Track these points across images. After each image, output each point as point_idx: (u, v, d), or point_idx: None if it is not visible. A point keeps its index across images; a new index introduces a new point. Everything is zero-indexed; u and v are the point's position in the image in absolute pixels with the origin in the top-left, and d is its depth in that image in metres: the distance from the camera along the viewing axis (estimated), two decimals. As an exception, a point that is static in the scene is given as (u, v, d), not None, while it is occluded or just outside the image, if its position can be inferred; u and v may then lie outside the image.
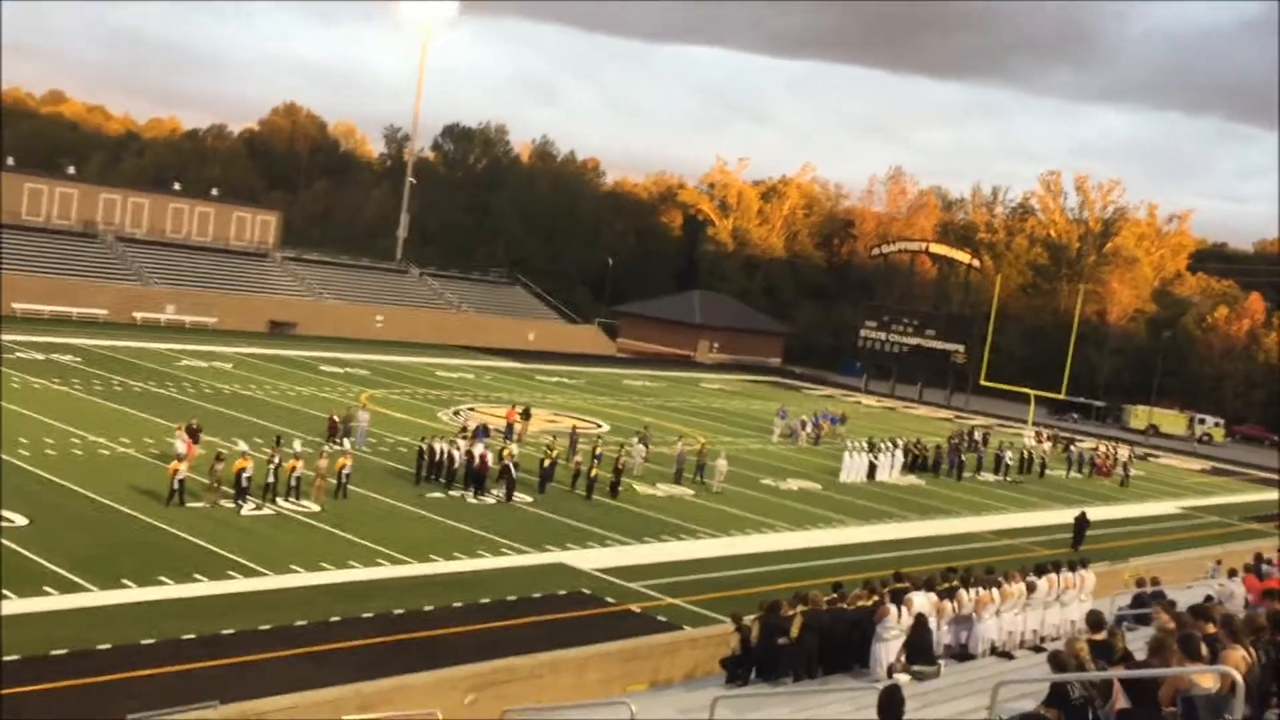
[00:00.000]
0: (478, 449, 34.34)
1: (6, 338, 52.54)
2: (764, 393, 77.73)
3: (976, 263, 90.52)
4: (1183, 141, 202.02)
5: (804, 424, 55.31)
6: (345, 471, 31.12)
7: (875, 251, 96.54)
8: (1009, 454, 53.62)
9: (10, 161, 77.94)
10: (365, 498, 31.18)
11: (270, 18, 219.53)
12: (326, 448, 34.62)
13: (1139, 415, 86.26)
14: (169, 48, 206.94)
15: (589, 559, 28.27)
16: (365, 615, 21.95)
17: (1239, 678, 8.40)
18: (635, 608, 24.81)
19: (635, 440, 41.78)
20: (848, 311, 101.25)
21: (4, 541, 23.39)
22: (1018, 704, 10.57)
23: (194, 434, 32.64)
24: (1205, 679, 9.10)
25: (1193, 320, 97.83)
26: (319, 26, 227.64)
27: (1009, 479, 51.71)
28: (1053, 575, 18.15)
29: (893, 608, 15.43)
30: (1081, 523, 38.31)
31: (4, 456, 30.46)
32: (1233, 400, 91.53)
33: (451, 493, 33.12)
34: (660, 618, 24.04)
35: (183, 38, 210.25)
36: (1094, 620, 12.72)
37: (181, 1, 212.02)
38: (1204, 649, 10.02)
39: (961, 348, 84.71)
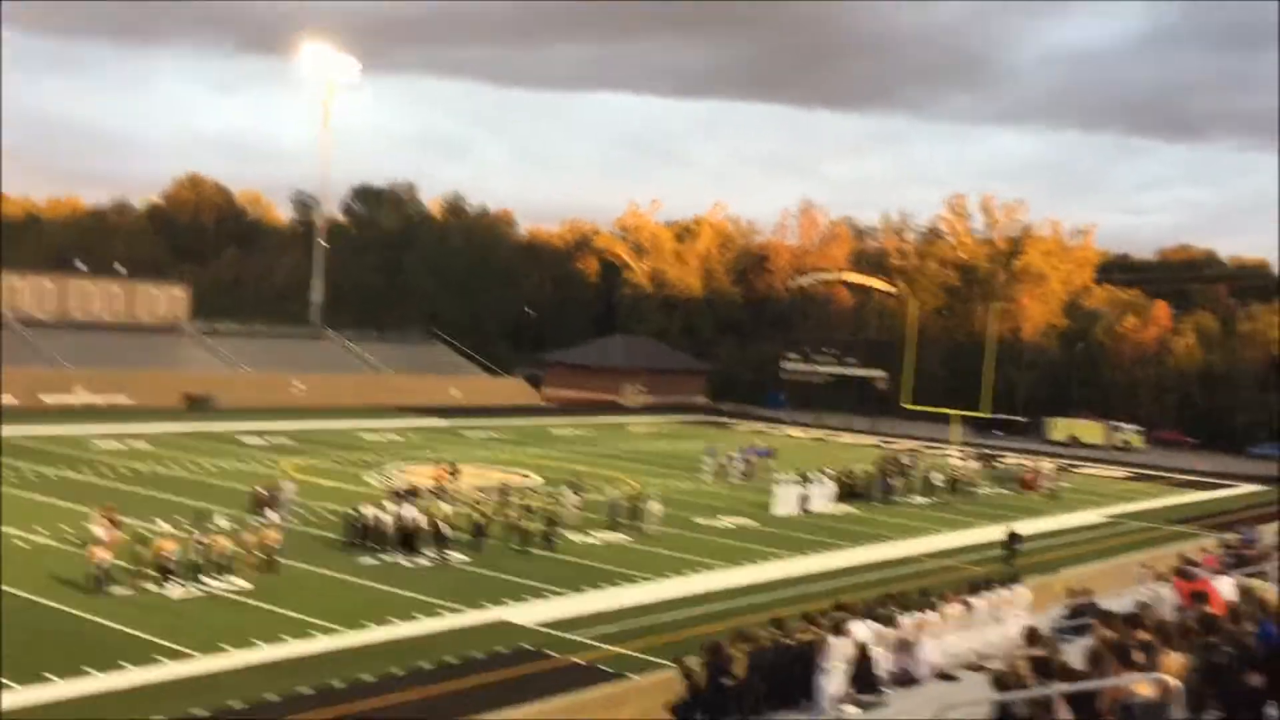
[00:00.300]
0: (407, 511, 33.90)
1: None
2: (691, 432, 77.89)
3: (891, 289, 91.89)
4: (1082, 158, 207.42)
5: (733, 460, 55.47)
6: (273, 545, 30.51)
7: (791, 284, 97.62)
8: (937, 476, 54.24)
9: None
10: (296, 570, 30.56)
11: (170, 89, 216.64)
12: (253, 522, 33.93)
13: (1059, 427, 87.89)
14: (67, 126, 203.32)
15: (529, 613, 27.97)
16: (303, 691, 21.44)
17: (1175, 684, 8.52)
18: (580, 660, 24.55)
19: (567, 489, 41.56)
20: (767, 345, 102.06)
21: (-82, 645, 22.53)
22: (964, 727, 10.61)
23: (113, 518, 31.79)
24: (1144, 687, 9.22)
25: (1103, 331, 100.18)
26: (220, 95, 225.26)
27: (938, 500, 52.29)
28: (989, 594, 18.33)
29: (833, 638, 15.45)
30: (1014, 539, 38.93)
31: (-86, 556, 29.42)
32: (1148, 406, 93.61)
33: (384, 557, 32.60)
34: (605, 668, 23.81)
35: (81, 115, 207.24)
36: (1032, 636, 12.85)
37: (78, 80, 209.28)
38: (1141, 656, 10.16)
39: (883, 373, 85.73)
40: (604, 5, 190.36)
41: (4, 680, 20.91)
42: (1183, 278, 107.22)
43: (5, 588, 27.05)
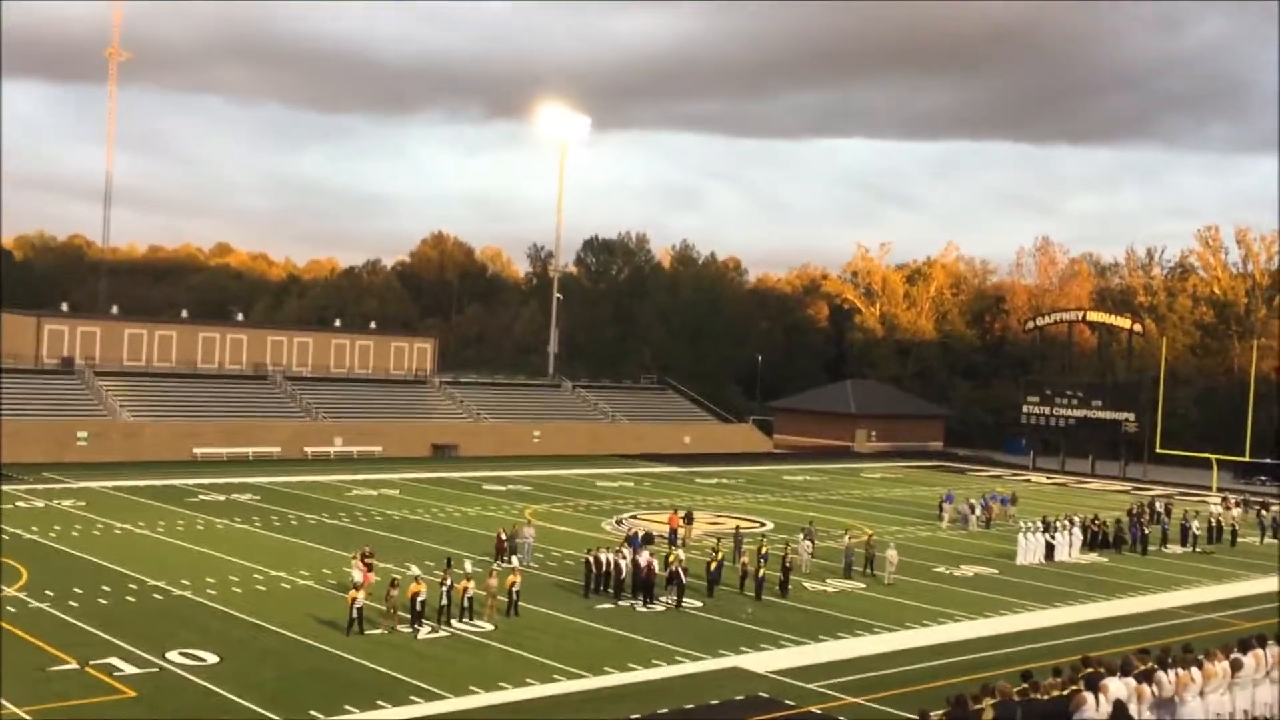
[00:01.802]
0: (643, 557, 34.33)
1: (190, 482, 55.10)
2: (927, 478, 76.00)
3: (1138, 327, 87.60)
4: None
5: (973, 507, 53.77)
6: (515, 589, 31.43)
7: (1030, 325, 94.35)
8: (1195, 523, 51.05)
9: (185, 314, 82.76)
10: (536, 613, 31.39)
11: (419, 153, 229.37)
12: (495, 566, 35.08)
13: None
14: (324, 193, 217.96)
15: (764, 661, 27.80)
16: (546, 733, 21.94)
17: None
18: (817, 709, 24.22)
19: (801, 536, 41.21)
20: (1007, 388, 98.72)
21: (198, 679, 24.25)
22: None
23: (368, 562, 33.47)
24: None
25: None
26: (464, 156, 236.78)
27: (1198, 550, 49.18)
28: (1259, 651, 17.12)
29: (1089, 695, 14.76)
30: None
31: (194, 597, 31.75)
32: None
33: (621, 603, 33.09)
34: (841, 718, 23.41)
35: (339, 182, 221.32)
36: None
37: (337, 148, 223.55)
38: None
39: (1132, 416, 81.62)
40: (837, 51, 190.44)
41: (273, 716, 22.28)
42: None
43: (272, 627, 28.85)
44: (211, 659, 25.77)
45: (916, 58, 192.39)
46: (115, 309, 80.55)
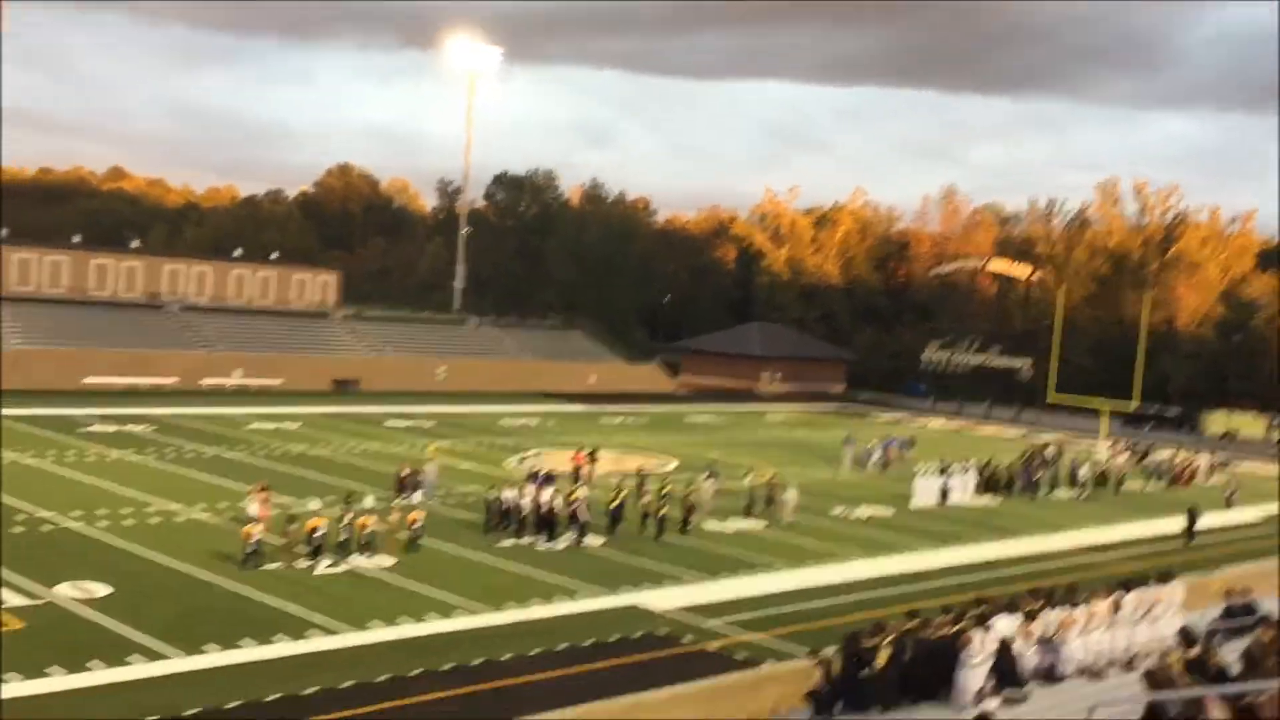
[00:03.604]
0: (545, 495, 34.38)
1: (81, 412, 53.66)
2: (829, 421, 77.19)
3: (1037, 277, 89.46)
4: (1247, 141, 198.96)
5: (872, 451, 54.77)
6: (417, 525, 31.30)
7: (933, 272, 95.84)
8: (1084, 469, 52.69)
9: (76, 239, 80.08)
10: (438, 550, 31.30)
11: (327, 82, 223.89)
12: (397, 502, 34.86)
13: (1216, 420, 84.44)
14: (227, 119, 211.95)
15: (664, 599, 28.11)
16: (444, 668, 21.97)
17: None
18: (713, 646, 24.60)
19: (703, 476, 41.61)
20: (908, 334, 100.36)
21: (89, 612, 23.76)
22: (1113, 726, 10.30)
23: (264, 495, 32.98)
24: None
25: (1264, 321, 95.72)
26: (373, 86, 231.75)
27: (1085, 494, 50.80)
28: (1140, 590, 17.73)
29: (977, 633, 15.15)
30: (1192, 516, 40.56)
31: (84, 529, 31.03)
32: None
33: (522, 540, 33.15)
34: (739, 655, 23.81)
35: (236, 108, 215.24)
36: (1187, 635, 12.40)
37: (240, 74, 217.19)
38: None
39: (1028, 363, 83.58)
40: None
41: (167, 649, 21.92)
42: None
43: (165, 561, 28.34)
44: (103, 591, 25.26)
45: (832, 4, 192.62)
46: (3, 232, 77.55)
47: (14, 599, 24.18)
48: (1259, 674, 9.57)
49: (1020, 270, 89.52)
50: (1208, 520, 42.93)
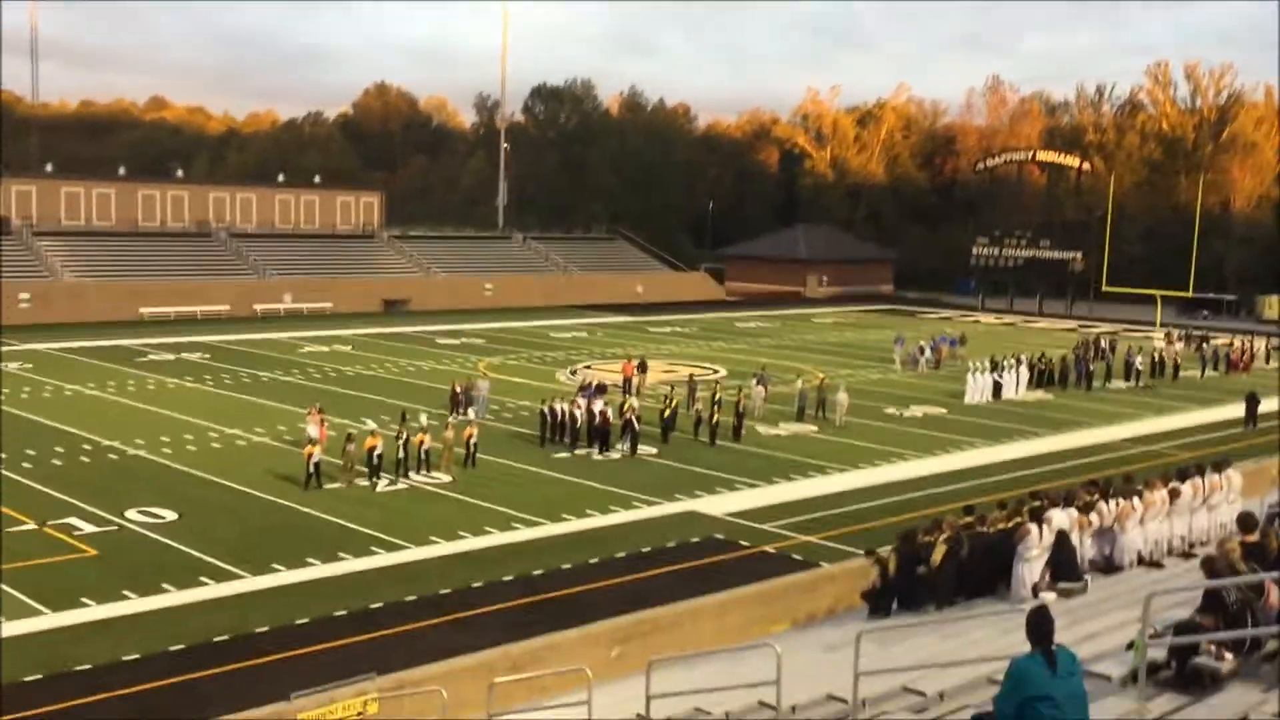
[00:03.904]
0: (598, 406, 34.62)
1: (138, 342, 54.55)
2: (878, 322, 76.78)
3: (1087, 166, 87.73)
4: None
5: (923, 349, 54.48)
6: (472, 441, 31.68)
7: (980, 166, 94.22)
8: (1139, 359, 52.13)
9: (122, 171, 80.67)
10: (494, 464, 31.71)
11: (356, 3, 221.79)
12: (451, 419, 35.27)
13: (1273, 305, 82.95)
14: (262, 44, 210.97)
15: (719, 504, 28.37)
16: (505, 579, 22.39)
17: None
18: (770, 549, 24.85)
19: (754, 382, 41.65)
20: (956, 230, 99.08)
21: (158, 537, 24.40)
22: (1171, 613, 10.31)
23: (321, 417, 33.45)
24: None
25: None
26: (406, 2, 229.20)
27: (1141, 385, 50.34)
28: (1197, 479, 17.61)
29: (1033, 527, 15.17)
30: (1253, 401, 40.59)
31: (149, 456, 31.73)
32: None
33: (577, 451, 33.49)
34: (796, 556, 24.04)
35: (274, 32, 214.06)
36: (1245, 522, 12.30)
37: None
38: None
39: (1079, 255, 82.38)
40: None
41: (235, 569, 22.52)
42: None
43: (229, 484, 28.96)
44: (170, 516, 25.90)
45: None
46: (49, 167, 78.19)
47: (85, 526, 24.87)
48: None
49: (1070, 160, 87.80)
50: (1268, 405, 42.47)
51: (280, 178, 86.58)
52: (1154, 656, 8.89)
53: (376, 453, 29.38)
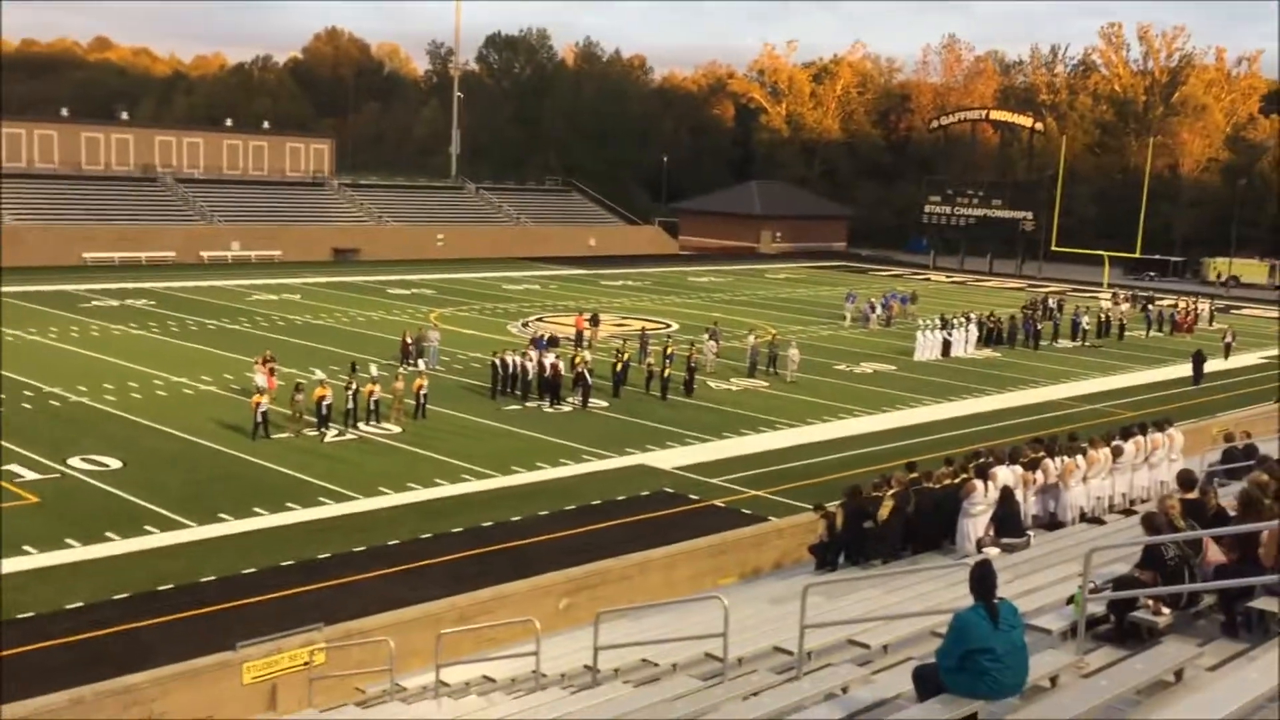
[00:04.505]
0: (549, 358, 34.54)
1: (82, 287, 53.63)
2: (831, 278, 77.08)
3: (1039, 126, 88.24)
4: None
5: (874, 306, 54.81)
6: (422, 392, 31.51)
7: (934, 124, 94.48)
8: (1085, 318, 52.80)
9: (65, 112, 78.89)
10: (444, 416, 31.59)
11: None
12: (401, 369, 35.06)
13: (1218, 267, 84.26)
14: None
15: (669, 458, 28.47)
16: (455, 530, 22.37)
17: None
18: (719, 503, 24.99)
19: (706, 337, 41.73)
20: (910, 188, 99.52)
21: (102, 484, 24.10)
22: (1111, 568, 10.48)
23: (270, 366, 33.13)
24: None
25: (1269, 165, 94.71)
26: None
27: (1087, 344, 51.01)
28: (1139, 437, 17.90)
29: (978, 483, 15.36)
30: (1199, 359, 42.17)
31: (92, 403, 31.27)
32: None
33: (528, 404, 33.43)
34: (745, 511, 24.21)
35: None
36: (1185, 479, 12.50)
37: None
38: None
39: (1030, 215, 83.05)
40: None
41: (182, 519, 22.31)
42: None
43: (175, 432, 28.63)
44: (115, 464, 25.59)
45: None
46: (-10, 107, 76.42)
47: (27, 473, 24.51)
48: (1255, 516, 9.69)
49: (1023, 120, 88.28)
50: (1212, 366, 43.26)
51: (228, 122, 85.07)
52: (1093, 611, 9.03)
53: (326, 403, 29.15)
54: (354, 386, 30.11)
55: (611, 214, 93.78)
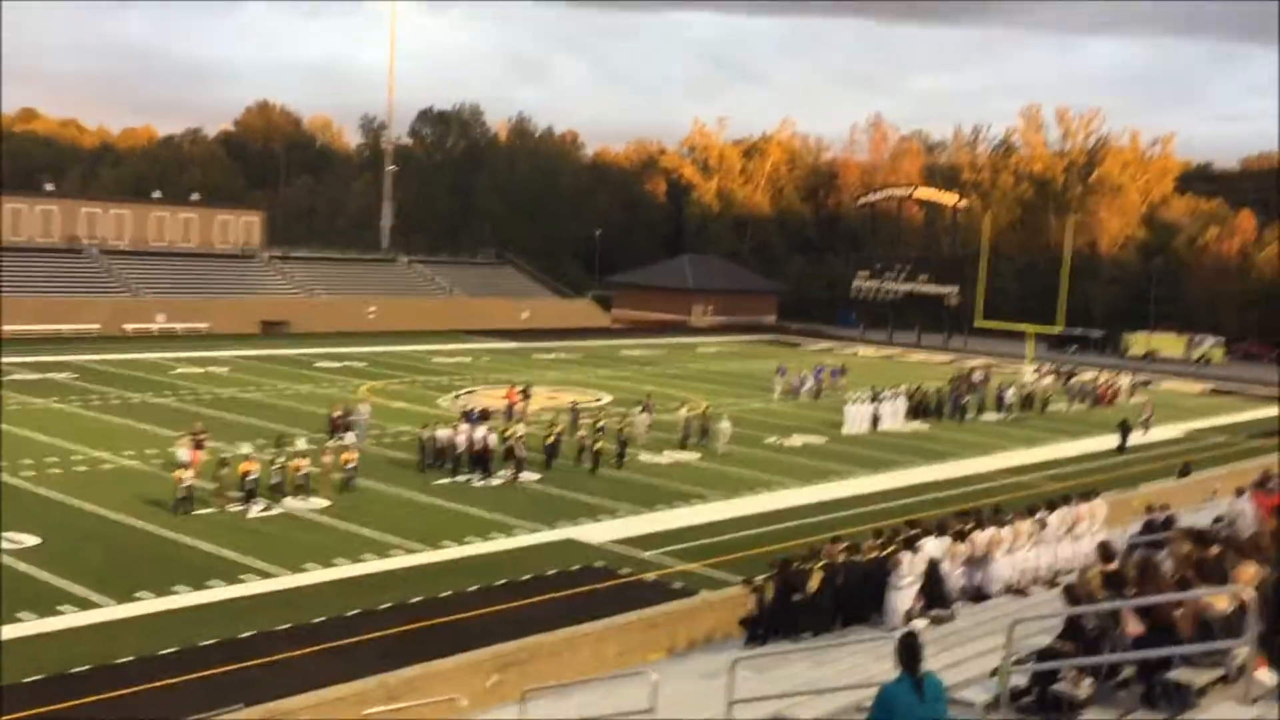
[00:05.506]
0: (479, 433, 34.35)
1: (2, 360, 52.47)
2: (762, 352, 77.75)
3: (963, 203, 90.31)
4: (1176, 66, 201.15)
5: (804, 379, 55.33)
6: (350, 466, 31.15)
7: (861, 201, 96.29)
8: (1010, 392, 53.73)
9: (-12, 183, 77.72)
10: (372, 490, 31.22)
11: (243, 17, 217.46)
12: (330, 443, 34.65)
13: (1137, 342, 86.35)
14: (141, 55, 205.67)
15: (600, 532, 28.34)
16: (383, 606, 22.01)
17: (1251, 595, 8.43)
18: (650, 577, 24.89)
19: (638, 410, 41.81)
20: (839, 263, 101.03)
21: (16, 563, 23.41)
22: (1034, 640, 10.60)
23: (198, 441, 32.57)
24: (1220, 600, 9.14)
25: (1184, 243, 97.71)
26: (296, 19, 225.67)
27: (1011, 416, 51.85)
28: (1063, 509, 18.17)
29: (905, 555, 15.47)
30: (1124, 429, 44.06)
31: (9, 479, 30.48)
32: (1229, 319, 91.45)
33: (458, 478, 33.16)
34: (675, 585, 24.12)
35: (155, 44, 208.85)
36: (1104, 551, 12.73)
37: (154, 2, 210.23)
38: (1217, 570, 10.06)
39: (955, 289, 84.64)
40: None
41: (98, 598, 21.71)
42: (1268, 186, 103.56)
43: (95, 509, 27.95)
44: (31, 541, 24.91)
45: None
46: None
47: (-61, 552, 23.76)
48: (1154, 588, 9.89)
49: (947, 198, 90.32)
50: (1132, 438, 44.24)
51: (157, 194, 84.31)
52: (1016, 683, 9.13)
53: (251, 477, 28.69)
54: (281, 460, 29.69)
55: (544, 287, 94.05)
